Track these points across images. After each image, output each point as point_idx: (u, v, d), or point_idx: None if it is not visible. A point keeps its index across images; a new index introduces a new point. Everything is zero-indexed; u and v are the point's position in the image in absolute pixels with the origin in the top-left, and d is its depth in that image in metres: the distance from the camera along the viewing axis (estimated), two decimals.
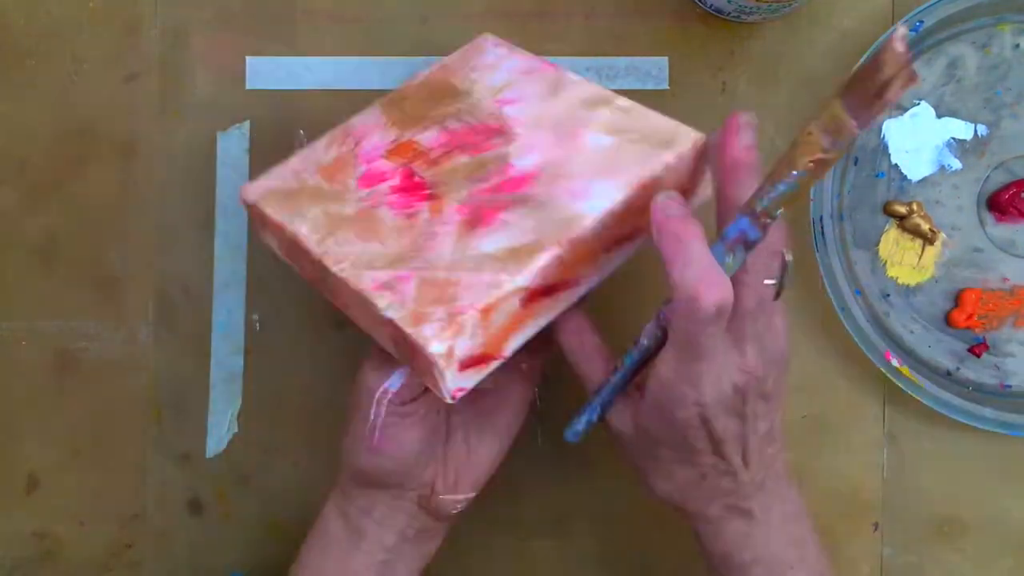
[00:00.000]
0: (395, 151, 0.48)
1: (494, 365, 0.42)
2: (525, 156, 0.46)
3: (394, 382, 0.46)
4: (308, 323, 0.56)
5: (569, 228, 0.42)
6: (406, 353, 0.42)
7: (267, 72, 0.56)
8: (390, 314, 0.41)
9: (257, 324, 0.56)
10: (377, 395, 0.46)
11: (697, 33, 0.56)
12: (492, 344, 0.41)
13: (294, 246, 0.46)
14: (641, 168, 0.43)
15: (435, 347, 0.40)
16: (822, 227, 0.53)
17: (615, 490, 0.56)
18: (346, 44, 0.56)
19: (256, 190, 0.48)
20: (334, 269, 0.43)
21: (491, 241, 0.42)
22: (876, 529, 0.56)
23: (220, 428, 0.56)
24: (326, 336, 0.56)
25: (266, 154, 0.56)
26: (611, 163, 0.44)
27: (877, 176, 0.55)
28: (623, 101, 0.47)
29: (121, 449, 0.56)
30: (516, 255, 0.41)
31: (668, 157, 0.43)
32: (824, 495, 0.56)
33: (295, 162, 0.49)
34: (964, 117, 0.55)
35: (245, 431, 0.56)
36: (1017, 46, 0.55)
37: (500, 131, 0.47)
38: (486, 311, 0.40)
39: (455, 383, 0.41)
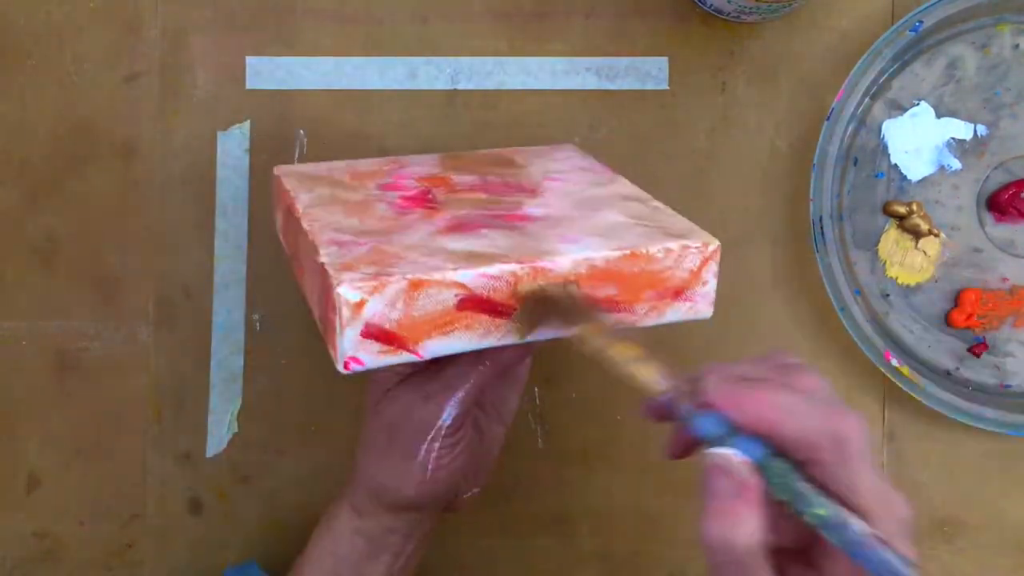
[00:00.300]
0: (427, 179, 0.48)
1: (404, 357, 0.39)
2: (538, 208, 0.45)
3: (448, 416, 0.44)
4: (308, 323, 0.56)
5: (539, 256, 0.40)
6: (324, 314, 0.40)
7: (267, 72, 0.56)
8: (323, 259, 0.39)
9: (257, 324, 0.56)
10: (432, 432, 0.44)
11: (697, 33, 0.56)
12: (411, 330, 0.39)
13: (290, 216, 0.45)
14: (639, 240, 0.42)
15: (344, 291, 0.37)
16: (822, 227, 0.53)
17: (615, 490, 0.56)
18: (346, 44, 0.56)
19: (286, 169, 0.49)
20: (304, 224, 0.42)
21: (459, 242, 0.41)
22: None
23: (220, 428, 0.56)
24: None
25: (266, 154, 0.56)
26: (613, 232, 0.43)
27: (877, 176, 0.55)
28: (657, 202, 0.46)
29: (121, 449, 0.56)
30: (473, 257, 0.40)
31: (670, 243, 0.42)
32: None
33: (336, 163, 0.49)
34: (964, 117, 0.55)
35: (245, 431, 0.56)
36: (1016, 46, 0.55)
37: (531, 191, 0.47)
38: (416, 285, 0.38)
39: (352, 348, 0.38)
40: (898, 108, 0.55)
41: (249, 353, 0.56)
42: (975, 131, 0.55)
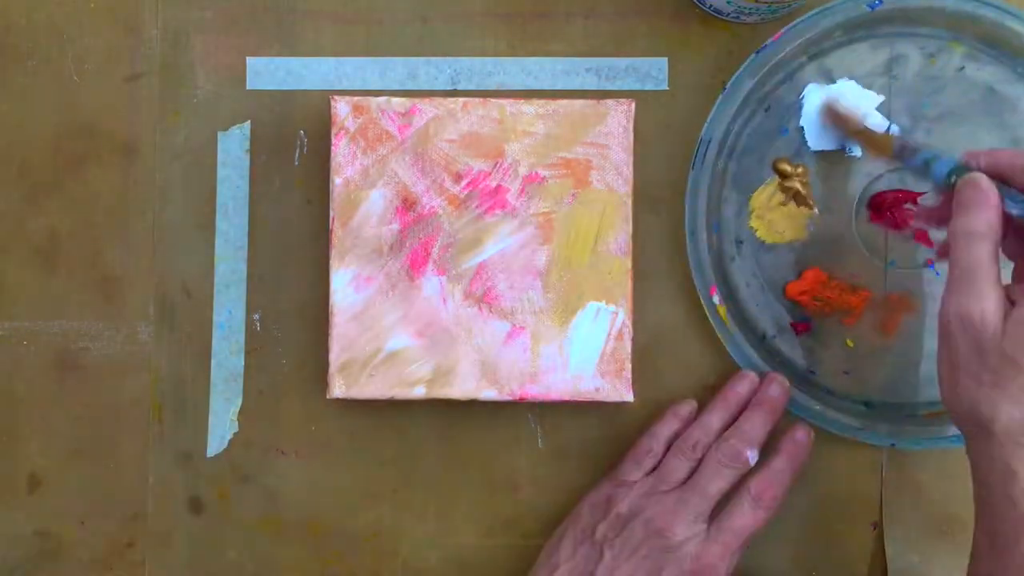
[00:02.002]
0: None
1: None
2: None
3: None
4: (308, 323, 0.56)
5: None
6: None
7: (267, 72, 0.57)
8: None
9: (257, 324, 0.56)
10: None
11: (697, 33, 0.56)
12: None
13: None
14: None
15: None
16: (706, 150, 0.53)
17: None
18: (346, 44, 0.56)
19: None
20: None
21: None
22: (875, 528, 0.56)
23: (220, 428, 0.56)
24: (326, 336, 0.56)
25: (266, 154, 0.56)
26: None
27: (781, 131, 0.55)
28: None
29: (122, 449, 0.56)
30: None
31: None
32: (823, 495, 0.56)
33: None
34: (884, 112, 0.55)
35: (245, 431, 0.56)
36: (962, 68, 0.55)
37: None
38: None
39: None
40: (828, 78, 0.55)
41: (249, 353, 0.56)
42: (888, 130, 0.55)
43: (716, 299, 0.54)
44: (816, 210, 0.55)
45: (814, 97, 0.54)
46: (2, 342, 0.57)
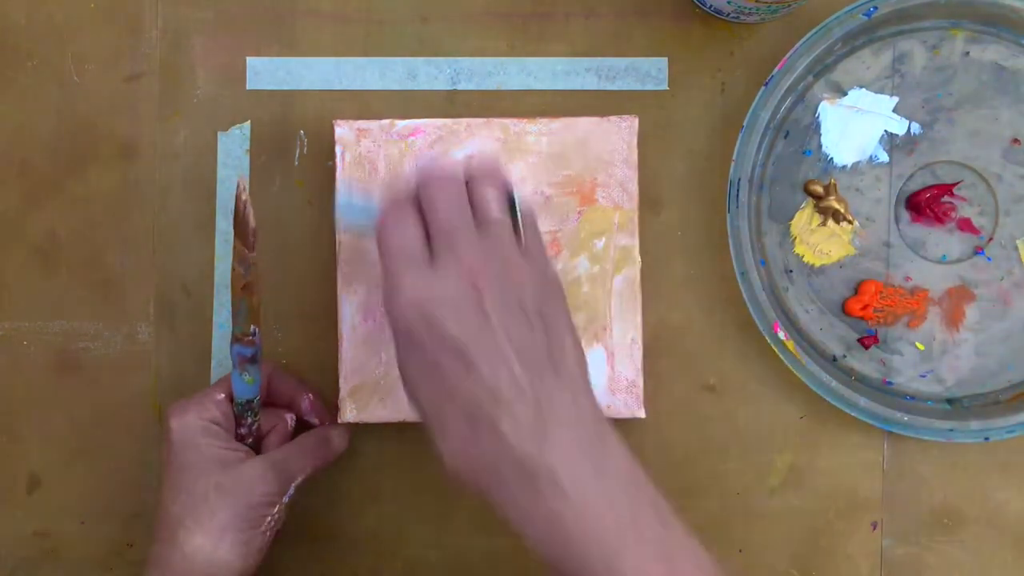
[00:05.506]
0: None
1: None
2: None
3: (291, 493, 0.52)
4: (308, 323, 0.56)
5: None
6: None
7: (267, 72, 0.57)
8: None
9: None
10: (278, 506, 0.51)
11: (697, 34, 0.56)
12: None
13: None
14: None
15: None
16: (738, 190, 0.53)
17: None
18: (346, 44, 0.56)
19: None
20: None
21: None
22: (875, 528, 0.56)
23: None
24: (326, 335, 0.56)
25: (266, 154, 0.56)
26: None
27: (804, 153, 0.55)
28: None
29: (122, 448, 0.56)
30: None
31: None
32: (823, 491, 0.56)
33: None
34: (901, 113, 0.55)
35: None
36: (967, 53, 0.55)
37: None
38: None
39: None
40: (839, 91, 0.55)
41: None
42: (909, 128, 0.55)
43: (781, 335, 0.53)
44: (857, 223, 0.55)
45: (830, 114, 0.55)
46: (2, 342, 0.57)
